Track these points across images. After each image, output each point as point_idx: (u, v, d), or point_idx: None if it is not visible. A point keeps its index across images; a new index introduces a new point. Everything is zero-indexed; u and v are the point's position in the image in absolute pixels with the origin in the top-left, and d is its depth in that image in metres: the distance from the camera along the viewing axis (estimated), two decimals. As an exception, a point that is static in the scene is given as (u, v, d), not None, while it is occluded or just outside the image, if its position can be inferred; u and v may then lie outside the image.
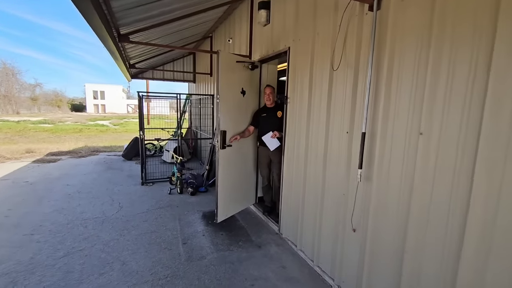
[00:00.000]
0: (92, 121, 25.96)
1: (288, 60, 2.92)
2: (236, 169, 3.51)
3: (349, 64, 2.08)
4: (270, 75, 3.86)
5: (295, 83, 2.82)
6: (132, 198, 4.45)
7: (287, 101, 2.97)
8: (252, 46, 3.82)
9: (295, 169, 2.88)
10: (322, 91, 2.39)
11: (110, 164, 6.99)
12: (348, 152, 2.12)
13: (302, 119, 2.72)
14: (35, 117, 30.05)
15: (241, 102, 3.42)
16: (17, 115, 35.02)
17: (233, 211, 3.60)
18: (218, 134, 3.13)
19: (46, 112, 43.43)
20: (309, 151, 2.62)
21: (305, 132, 2.67)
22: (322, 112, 2.40)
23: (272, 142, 3.24)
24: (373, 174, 1.89)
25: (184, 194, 4.71)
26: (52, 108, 52.25)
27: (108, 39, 3.00)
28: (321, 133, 2.42)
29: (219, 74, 3.02)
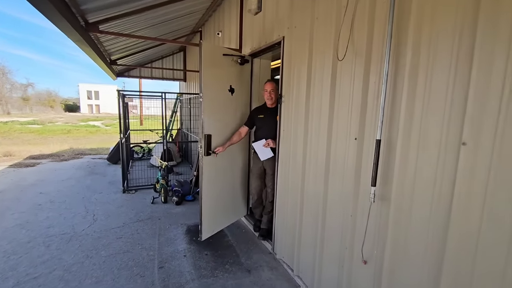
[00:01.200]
0: (84, 121, 25.31)
1: (282, 52, 2.49)
2: (225, 177, 3.07)
3: (357, 52, 1.66)
4: (263, 72, 3.43)
5: (290, 78, 2.39)
6: (110, 209, 3.99)
7: (282, 100, 2.54)
8: (242, 39, 3.38)
9: (290, 182, 2.45)
10: (323, 87, 1.97)
11: (93, 169, 6.50)
12: (357, 164, 1.69)
13: (299, 123, 2.29)
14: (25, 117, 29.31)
15: (229, 102, 2.98)
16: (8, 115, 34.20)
17: (221, 226, 3.15)
18: (202, 138, 2.69)
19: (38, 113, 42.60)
20: (308, 161, 2.19)
21: (302, 138, 2.24)
22: (324, 113, 1.97)
23: (264, 152, 2.77)
24: (391, 194, 1.47)
25: (168, 203, 4.25)
26: (44, 108, 51.31)
27: (71, 29, 2.54)
28: (322, 139, 1.99)
29: (201, 69, 2.58)
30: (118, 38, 4.03)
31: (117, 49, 4.74)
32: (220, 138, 2.88)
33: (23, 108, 46.07)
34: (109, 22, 2.94)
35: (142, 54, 5.98)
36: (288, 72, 2.41)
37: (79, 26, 2.74)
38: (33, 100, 51.63)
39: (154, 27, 4.22)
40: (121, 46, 4.63)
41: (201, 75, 2.59)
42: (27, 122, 19.98)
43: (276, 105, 2.72)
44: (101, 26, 2.89)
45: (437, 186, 1.24)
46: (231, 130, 3.01)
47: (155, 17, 3.68)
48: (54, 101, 55.49)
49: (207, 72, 2.63)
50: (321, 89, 2.00)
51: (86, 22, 2.80)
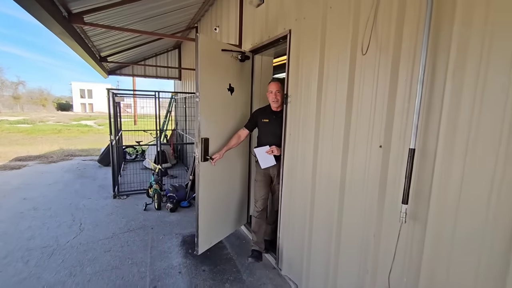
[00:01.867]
0: (76, 120, 24.75)
1: (289, 48, 2.24)
2: (223, 184, 2.81)
3: (383, 46, 1.41)
4: (265, 69, 3.17)
5: (298, 76, 2.14)
6: (98, 216, 3.69)
7: (287, 100, 2.29)
8: (242, 34, 3.12)
9: (298, 194, 2.21)
10: (339, 86, 1.72)
11: (83, 171, 6.18)
12: (381, 177, 1.45)
13: (308, 126, 2.04)
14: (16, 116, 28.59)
15: (228, 102, 2.72)
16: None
17: (219, 237, 2.90)
18: (199, 142, 2.43)
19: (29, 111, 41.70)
20: (319, 170, 1.95)
21: (312, 145, 1.99)
22: (339, 115, 1.73)
23: (266, 159, 2.47)
24: (426, 214, 1.23)
25: (162, 210, 3.98)
26: (36, 107, 50.28)
27: (51, 20, 2.25)
28: (337, 145, 1.75)
29: (198, 66, 2.31)
30: (107, 33, 3.73)
31: (107, 45, 4.43)
32: (218, 141, 2.62)
33: (14, 106, 45.07)
34: (95, 13, 2.66)
35: (134, 51, 5.68)
36: (296, 69, 2.16)
37: (61, 17, 2.45)
38: (24, 98, 50.58)
39: (146, 22, 3.93)
40: (111, 41, 4.33)
41: (197, 73, 2.33)
42: (17, 121, 19.40)
43: (282, 108, 2.44)
44: (86, 17, 2.60)
45: (491, 209, 1.01)
46: (230, 132, 2.75)
47: (146, 10, 3.39)
48: (46, 100, 54.47)
49: (204, 69, 2.37)
50: (335, 89, 1.75)
51: (69, 12, 2.51)
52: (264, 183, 2.58)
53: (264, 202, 2.57)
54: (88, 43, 3.79)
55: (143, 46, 5.56)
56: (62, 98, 60.36)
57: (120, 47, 4.85)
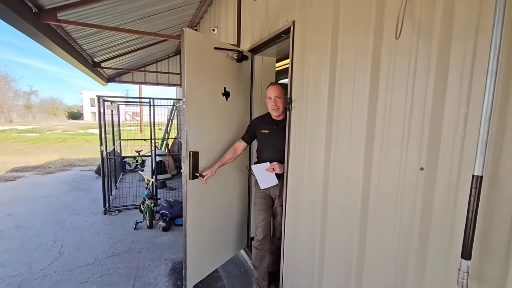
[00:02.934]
0: (84, 129, 24.92)
1: (292, 43, 1.85)
2: (217, 205, 2.41)
3: (421, 29, 1.00)
4: (266, 72, 2.79)
5: (304, 76, 1.74)
6: (83, 237, 3.33)
7: (291, 107, 1.89)
8: (240, 32, 2.75)
9: (305, 219, 1.78)
10: (357, 86, 1.31)
11: (78, 183, 5.87)
12: (423, 211, 1.02)
13: (317, 138, 1.63)
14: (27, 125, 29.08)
15: (223, 109, 2.34)
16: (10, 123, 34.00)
17: (213, 266, 2.47)
18: (186, 157, 2.04)
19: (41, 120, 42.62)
20: (331, 193, 1.52)
21: (322, 162, 1.58)
22: (358, 125, 1.31)
23: (266, 178, 2.06)
24: (506, 278, 0.79)
25: (155, 229, 3.59)
26: (48, 116, 51.38)
27: (15, 17, 1.93)
28: (356, 165, 1.33)
29: (184, 66, 1.95)
30: (97, 35, 3.44)
31: (99, 49, 4.15)
32: (210, 156, 2.23)
33: (26, 116, 46.08)
34: (71, 10, 2.34)
35: (132, 56, 5.41)
36: (301, 69, 1.77)
37: (30, 13, 2.13)
38: (36, 108, 51.85)
39: (139, 23, 3.63)
40: (103, 45, 4.04)
41: (183, 74, 1.96)
42: (26, 130, 19.58)
43: (285, 116, 2.05)
44: (60, 14, 2.28)
45: None
46: (225, 145, 2.36)
47: (135, 9, 3.07)
48: (57, 109, 55.67)
49: (193, 70, 2.00)
50: (352, 90, 1.34)
51: (40, 8, 2.20)
52: (265, 206, 2.16)
53: (265, 228, 2.14)
54: (75, 45, 3.50)
55: (141, 52, 5.28)
56: (73, 107, 61.70)
57: (114, 51, 4.57)
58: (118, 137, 6.74)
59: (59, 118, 50.47)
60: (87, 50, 3.93)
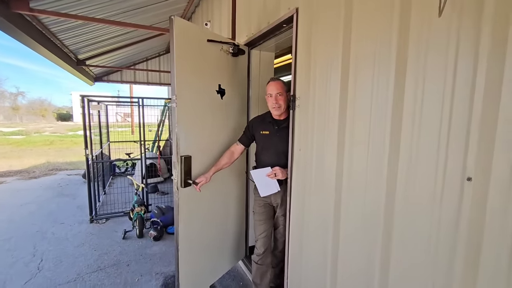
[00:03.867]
0: (74, 131, 24.26)
1: (296, 34, 1.65)
2: (213, 214, 2.19)
3: (465, 8, 0.81)
4: (264, 67, 2.58)
5: (310, 70, 1.54)
6: (66, 249, 3.06)
7: (295, 105, 1.68)
8: (235, 24, 2.54)
9: (313, 232, 1.57)
10: (378, 79, 1.11)
11: (64, 188, 5.56)
12: (471, 231, 0.82)
13: (327, 140, 1.42)
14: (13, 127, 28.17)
15: (218, 108, 2.12)
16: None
17: (209, 282, 2.25)
18: (177, 162, 1.81)
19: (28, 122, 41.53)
20: (345, 202, 1.32)
21: (334, 165, 1.37)
22: (379, 125, 1.11)
23: (266, 185, 1.84)
24: None
25: (145, 238, 3.34)
26: (36, 117, 50.06)
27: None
28: (376, 171, 1.13)
29: (174, 59, 1.72)
30: (79, 29, 3.18)
31: (82, 45, 3.87)
32: (204, 160, 2.01)
33: (13, 117, 44.77)
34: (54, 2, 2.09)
35: (120, 54, 5.13)
36: (306, 62, 1.56)
37: None
38: (24, 109, 50.52)
39: (122, 16, 3.35)
40: (87, 40, 3.76)
41: (173, 69, 1.73)
42: (11, 132, 18.89)
43: (287, 116, 1.85)
44: (33, 3, 2.03)
45: None
46: (220, 148, 2.14)
47: (119, 0, 2.81)
48: (46, 110, 54.33)
49: (183, 65, 1.78)
50: (371, 84, 1.14)
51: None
52: (265, 215, 1.95)
53: (266, 241, 1.93)
54: (55, 41, 3.23)
55: (130, 49, 5.00)
56: (63, 108, 60.38)
57: (100, 48, 4.29)
58: (106, 139, 6.45)
59: (48, 119, 49.23)
60: (69, 46, 3.65)
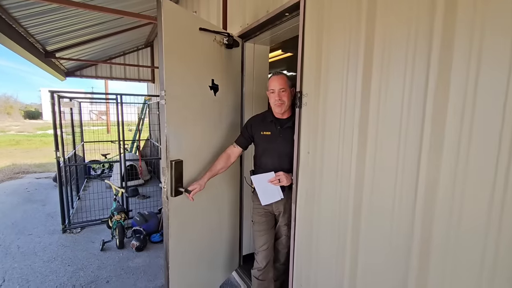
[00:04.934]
0: (43, 130, 22.72)
1: (303, 21, 1.46)
2: (206, 225, 1.97)
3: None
4: (259, 62, 2.38)
5: (320, 63, 1.36)
6: (34, 265, 2.70)
7: (301, 102, 1.50)
8: (227, 14, 2.32)
9: (324, 246, 1.41)
10: (413, 71, 0.95)
11: (32, 194, 5.05)
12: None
13: (342, 146, 1.26)
14: (-27, 126, 25.89)
15: (212, 106, 1.90)
16: (-48, 124, 30.07)
17: (202, 298, 2.03)
18: (167, 168, 1.58)
19: (-9, 120, 38.52)
20: (365, 217, 1.16)
21: (352, 179, 1.21)
22: (415, 125, 0.96)
23: (269, 192, 1.64)
24: None
25: (126, 249, 3.04)
26: (0, 115, 46.54)
27: None
28: (406, 194, 0.97)
29: (162, 50, 1.48)
30: (46, 16, 2.80)
31: (50, 35, 3.45)
32: (197, 165, 1.78)
33: (-27, 115, 41.24)
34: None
35: (95, 46, 4.70)
36: (316, 53, 1.38)
37: None
38: (-15, 106, 46.79)
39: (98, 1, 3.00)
40: (56, 29, 3.35)
41: (161, 61, 1.49)
42: (-29, 131, 17.27)
43: (291, 114, 1.67)
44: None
45: None
46: (215, 151, 1.92)
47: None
48: (11, 108, 50.65)
49: (172, 56, 1.54)
50: (403, 78, 0.98)
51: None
52: (266, 225, 1.76)
53: (267, 254, 1.74)
54: (18, 29, 2.82)
55: (105, 42, 4.60)
56: (31, 106, 56.62)
57: (72, 39, 3.88)
58: (80, 139, 5.97)
59: (14, 117, 45.91)
60: (36, 35, 3.23)
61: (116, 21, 3.75)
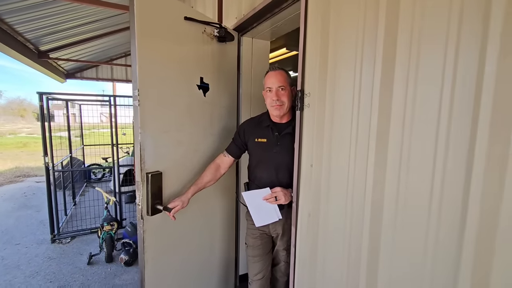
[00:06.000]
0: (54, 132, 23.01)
1: (306, 5, 1.19)
2: (192, 247, 1.70)
3: None
4: (258, 60, 2.11)
5: (327, 56, 1.08)
6: (14, 280, 2.48)
7: (303, 103, 1.23)
8: (223, 5, 2.07)
9: (332, 278, 1.12)
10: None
11: (29, 199, 4.91)
12: None
13: (355, 157, 0.97)
14: (-13, 128, 26.57)
15: (200, 108, 1.64)
16: (-32, 126, 30.99)
17: (189, 330, 1.76)
18: (141, 182, 1.32)
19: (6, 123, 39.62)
20: (387, 245, 0.87)
21: (368, 198, 0.92)
22: (462, 130, 0.67)
23: (264, 211, 1.36)
24: None
25: (115, 262, 2.80)
26: (14, 118, 47.79)
27: None
28: (448, 219, 0.68)
29: (135, 39, 1.23)
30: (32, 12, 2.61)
31: (42, 33, 3.28)
32: (180, 178, 1.53)
33: (-12, 118, 42.51)
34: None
35: (93, 47, 4.54)
36: (321, 44, 1.10)
37: None
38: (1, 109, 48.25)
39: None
40: (46, 27, 3.18)
41: (134, 54, 1.25)
42: (-17, 134, 17.60)
43: (291, 118, 1.40)
44: None
45: None
46: (202, 161, 1.66)
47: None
48: (25, 110, 51.98)
49: (149, 48, 1.30)
50: (442, 65, 0.70)
51: None
52: (262, 250, 1.48)
53: (263, 284, 1.46)
54: (3, 26, 2.65)
55: (105, 41, 4.42)
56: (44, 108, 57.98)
57: (66, 38, 3.71)
58: (81, 143, 5.84)
59: (27, 120, 47.03)
60: (25, 34, 3.06)
61: (114, 19, 3.56)
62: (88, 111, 5.59)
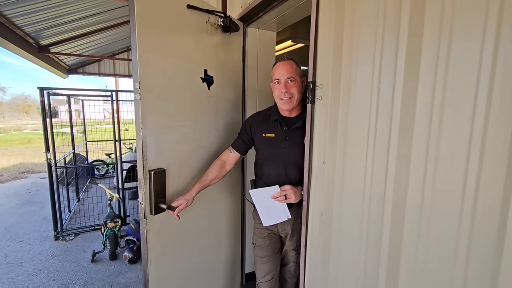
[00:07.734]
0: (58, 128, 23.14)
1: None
2: (196, 245, 1.64)
3: None
4: (264, 52, 2.02)
5: (342, 44, 0.99)
6: (17, 279, 2.46)
7: (314, 95, 1.14)
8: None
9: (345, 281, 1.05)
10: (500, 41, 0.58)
11: (33, 195, 4.90)
12: None
13: (373, 155, 0.89)
14: (-8, 124, 26.82)
15: (205, 102, 1.56)
16: (-26, 123, 31.32)
17: (194, 331, 1.71)
18: (144, 180, 1.26)
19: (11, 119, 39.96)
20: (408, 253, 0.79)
21: (389, 199, 0.84)
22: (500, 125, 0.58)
23: (273, 210, 1.28)
24: None
25: (119, 260, 2.77)
26: (19, 114, 48.15)
27: None
28: (485, 217, 0.60)
29: (135, 29, 1.16)
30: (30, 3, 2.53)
31: (41, 27, 3.21)
32: (184, 175, 1.46)
33: (-7, 114, 42.86)
34: None
35: (95, 41, 4.47)
36: (335, 32, 1.02)
37: None
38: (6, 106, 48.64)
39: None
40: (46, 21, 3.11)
41: (134, 44, 1.17)
42: (-12, 130, 17.74)
43: (302, 111, 1.32)
44: None
45: None
46: (206, 157, 1.58)
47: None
48: (30, 107, 52.33)
49: (150, 38, 1.22)
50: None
51: None
52: (270, 250, 1.41)
53: (272, 285, 1.40)
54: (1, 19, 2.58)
55: (107, 35, 4.35)
56: (48, 104, 58.32)
57: (67, 32, 3.64)
58: (84, 138, 5.81)
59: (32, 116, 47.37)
60: (24, 27, 3.00)
61: (115, 12, 3.48)
62: (90, 107, 5.55)
